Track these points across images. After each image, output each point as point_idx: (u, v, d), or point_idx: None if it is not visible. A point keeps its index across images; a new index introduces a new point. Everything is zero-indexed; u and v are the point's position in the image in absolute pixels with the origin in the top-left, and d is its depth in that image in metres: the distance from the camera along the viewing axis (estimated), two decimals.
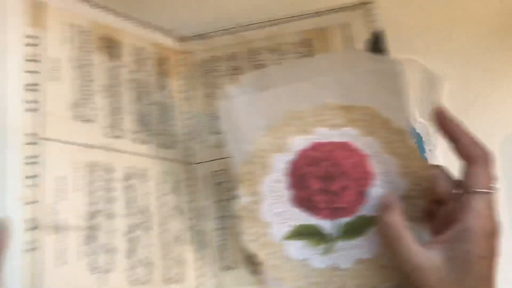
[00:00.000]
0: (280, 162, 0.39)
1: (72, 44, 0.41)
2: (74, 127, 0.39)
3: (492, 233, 0.34)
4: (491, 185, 0.34)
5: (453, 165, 0.37)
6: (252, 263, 0.42)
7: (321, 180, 0.39)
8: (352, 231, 0.39)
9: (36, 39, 0.39)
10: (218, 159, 0.45)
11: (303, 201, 0.39)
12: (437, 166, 0.38)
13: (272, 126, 0.40)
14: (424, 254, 0.34)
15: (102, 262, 0.38)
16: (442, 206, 0.37)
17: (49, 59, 0.39)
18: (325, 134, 0.39)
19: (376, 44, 0.46)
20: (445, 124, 0.36)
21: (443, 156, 0.47)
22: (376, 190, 0.39)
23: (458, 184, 0.36)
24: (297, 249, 0.39)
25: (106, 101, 0.42)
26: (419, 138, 0.48)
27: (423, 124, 0.48)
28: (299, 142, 0.39)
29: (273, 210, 0.39)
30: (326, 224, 0.39)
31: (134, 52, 0.45)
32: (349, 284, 0.39)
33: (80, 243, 0.37)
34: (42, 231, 0.35)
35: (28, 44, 0.39)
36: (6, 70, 0.37)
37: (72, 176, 0.38)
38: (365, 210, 0.39)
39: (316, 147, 0.39)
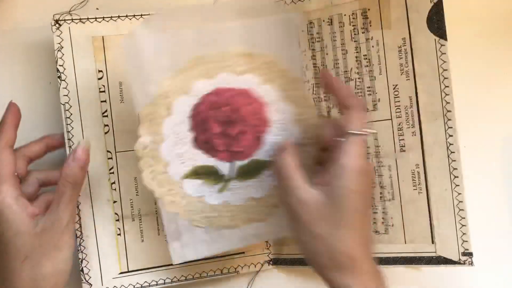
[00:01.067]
0: (184, 105, 0.41)
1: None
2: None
3: (363, 171, 0.36)
4: (363, 128, 0.37)
5: None
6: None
7: (221, 124, 0.41)
8: (246, 173, 0.43)
9: (102, 72, 0.46)
10: None
11: (204, 143, 0.42)
12: (324, 115, 0.42)
13: (177, 69, 0.40)
14: (309, 190, 0.37)
15: None
16: (328, 152, 0.39)
17: (114, 85, 0.47)
18: (227, 80, 0.40)
19: (437, 16, 0.43)
20: (327, 81, 0.40)
21: None
22: (272, 137, 0.42)
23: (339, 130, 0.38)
24: (194, 187, 0.42)
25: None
26: None
27: None
28: (202, 86, 0.41)
29: (174, 151, 0.41)
30: (223, 166, 0.43)
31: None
32: (238, 218, 0.43)
33: (154, 224, 0.47)
34: (125, 220, 0.47)
35: (99, 78, 0.46)
36: (91, 104, 0.46)
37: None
38: (260, 154, 0.42)
39: (218, 92, 0.41)
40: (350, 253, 0.36)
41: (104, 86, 0.47)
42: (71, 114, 0.47)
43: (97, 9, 0.50)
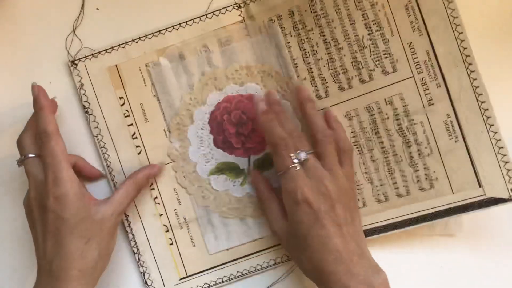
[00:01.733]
0: (203, 113, 0.49)
1: (148, 83, 0.49)
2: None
3: (297, 202, 0.41)
4: (288, 165, 0.41)
5: None
6: None
7: (235, 125, 0.48)
8: (261, 165, 0.48)
9: (123, 98, 0.48)
10: None
11: (222, 142, 0.49)
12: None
13: (194, 86, 0.48)
14: (280, 222, 0.44)
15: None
16: None
17: (136, 108, 0.49)
18: (234, 89, 0.48)
19: None
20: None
21: None
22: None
23: None
24: (220, 182, 0.49)
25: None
26: None
27: None
28: (215, 97, 0.48)
29: (199, 152, 0.48)
30: (241, 161, 0.48)
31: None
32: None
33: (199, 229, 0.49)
34: (174, 230, 0.49)
35: (121, 104, 0.49)
36: (119, 129, 0.49)
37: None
38: None
39: (228, 99, 0.48)
40: (322, 270, 0.40)
41: (127, 110, 0.49)
42: (105, 143, 0.48)
43: (97, 9, 0.50)
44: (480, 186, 0.44)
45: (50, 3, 0.50)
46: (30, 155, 0.43)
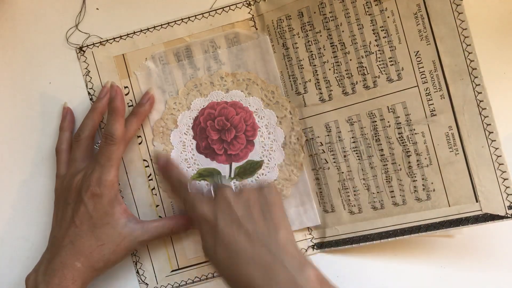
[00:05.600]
0: (186, 118, 0.49)
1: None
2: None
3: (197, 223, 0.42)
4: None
5: None
6: None
7: (218, 132, 0.49)
8: (243, 172, 0.48)
9: (128, 88, 0.49)
10: (305, 118, 0.49)
11: (205, 149, 0.49)
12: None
13: (179, 90, 0.49)
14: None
15: None
16: None
17: (140, 98, 0.49)
18: (218, 96, 0.48)
19: None
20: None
21: None
22: (262, 140, 0.48)
23: None
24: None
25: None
26: None
27: None
28: (199, 102, 0.49)
29: (181, 157, 0.49)
30: (223, 168, 0.49)
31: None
32: None
33: None
34: None
35: (126, 94, 0.49)
36: None
37: None
38: (253, 155, 0.48)
39: (212, 105, 0.49)
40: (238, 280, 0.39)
41: (131, 100, 0.49)
42: None
43: (97, 9, 0.50)
44: (477, 201, 0.44)
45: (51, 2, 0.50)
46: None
